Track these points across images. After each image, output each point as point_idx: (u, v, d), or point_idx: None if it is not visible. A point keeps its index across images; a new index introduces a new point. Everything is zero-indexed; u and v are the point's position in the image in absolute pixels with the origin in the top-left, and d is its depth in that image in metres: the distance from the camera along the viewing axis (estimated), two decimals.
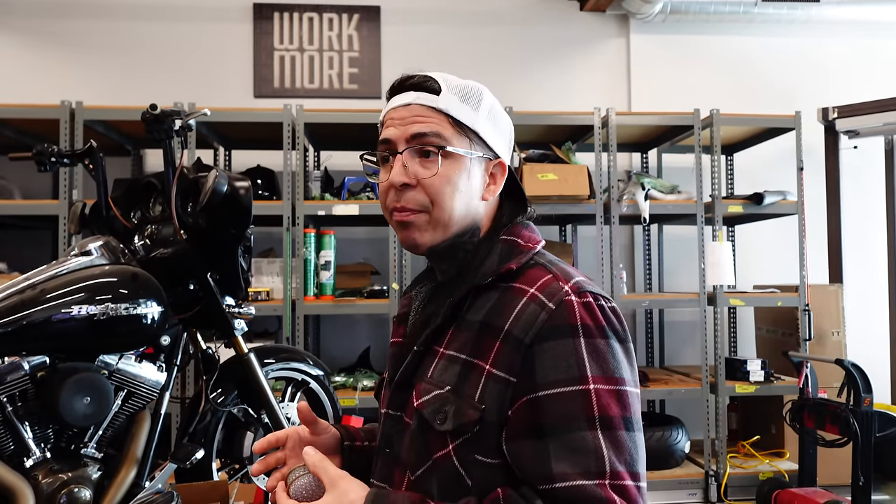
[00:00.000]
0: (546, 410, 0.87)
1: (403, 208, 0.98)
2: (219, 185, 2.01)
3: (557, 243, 4.00)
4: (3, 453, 1.82)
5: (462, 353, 0.94)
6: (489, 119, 1.01)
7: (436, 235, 0.99)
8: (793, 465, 3.40)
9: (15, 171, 3.54)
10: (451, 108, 0.98)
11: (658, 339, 4.20)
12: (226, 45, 4.11)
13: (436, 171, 0.96)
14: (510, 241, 1.00)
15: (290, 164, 3.32)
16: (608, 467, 0.84)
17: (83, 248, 2.01)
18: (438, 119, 0.97)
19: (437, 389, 0.94)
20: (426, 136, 0.97)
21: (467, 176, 0.98)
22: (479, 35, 4.23)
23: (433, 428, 0.92)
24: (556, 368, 0.87)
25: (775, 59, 4.34)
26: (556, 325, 0.89)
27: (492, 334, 0.92)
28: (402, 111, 0.99)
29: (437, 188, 0.97)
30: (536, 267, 0.97)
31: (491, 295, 0.96)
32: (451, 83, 1.00)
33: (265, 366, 2.33)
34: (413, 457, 0.95)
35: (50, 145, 2.15)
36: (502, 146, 1.04)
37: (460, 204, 0.98)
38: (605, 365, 0.88)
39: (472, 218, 1.00)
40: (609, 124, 3.49)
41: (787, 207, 3.55)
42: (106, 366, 1.95)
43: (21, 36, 3.99)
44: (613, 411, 0.86)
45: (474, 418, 0.89)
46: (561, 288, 0.92)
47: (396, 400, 1.01)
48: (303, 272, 3.29)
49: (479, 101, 1.00)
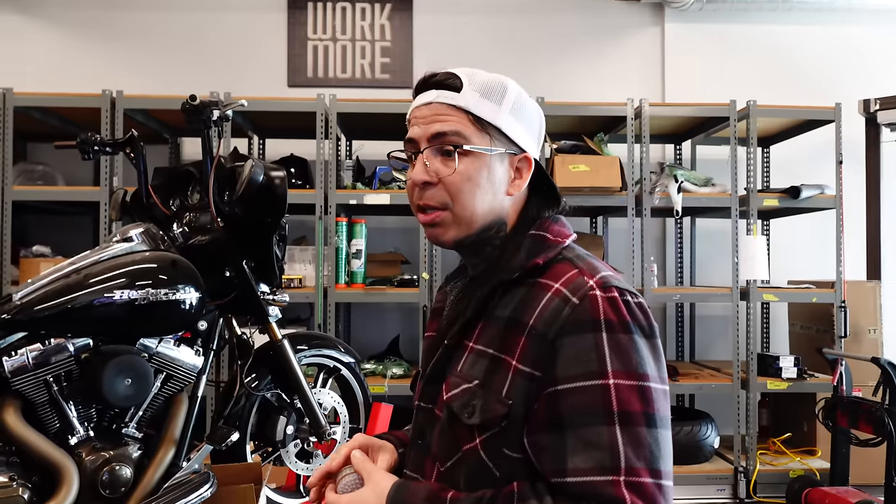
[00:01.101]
0: (564, 404, 0.87)
1: (427, 206, 1.00)
2: (255, 174, 2.05)
3: (588, 235, 3.98)
4: (49, 431, 1.89)
5: (490, 348, 0.95)
6: (513, 113, 1.00)
7: (459, 231, 1.00)
8: (824, 464, 3.35)
9: (58, 158, 3.65)
10: (472, 105, 0.98)
11: (688, 334, 4.16)
12: (260, 34, 4.15)
13: (455, 170, 0.97)
14: (538, 235, 1.00)
15: (322, 153, 3.36)
16: (623, 463, 0.84)
17: (124, 234, 2.07)
18: (459, 117, 0.98)
19: (465, 383, 0.95)
20: (446, 135, 0.97)
21: (488, 172, 0.99)
22: (512, 24, 4.21)
23: (461, 421, 0.94)
24: (577, 363, 0.88)
25: (815, 48, 4.25)
26: (579, 320, 0.89)
27: (518, 330, 0.93)
28: (425, 110, 1.00)
29: (457, 186, 0.98)
30: (564, 262, 0.97)
31: (518, 290, 0.96)
32: (474, 79, 0.99)
33: (298, 352, 2.38)
34: (443, 449, 0.97)
35: (93, 134, 2.22)
36: (528, 140, 1.03)
37: (482, 200, 0.99)
38: (628, 360, 0.87)
39: (497, 213, 1.01)
40: (642, 115, 3.46)
41: (824, 202, 3.49)
42: (146, 349, 2.01)
43: (64, 26, 4.09)
44: (634, 407, 0.86)
45: (501, 413, 0.91)
46: (586, 283, 0.92)
47: (428, 393, 1.03)
48: (334, 260, 3.33)
49: (502, 96, 1.00)
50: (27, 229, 3.87)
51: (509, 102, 1.00)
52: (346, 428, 2.49)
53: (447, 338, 1.01)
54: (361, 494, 0.95)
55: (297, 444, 2.36)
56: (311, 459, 2.39)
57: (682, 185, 3.45)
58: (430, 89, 1.01)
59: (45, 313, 1.86)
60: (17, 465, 1.84)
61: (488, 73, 1.02)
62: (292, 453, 2.36)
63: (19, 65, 4.02)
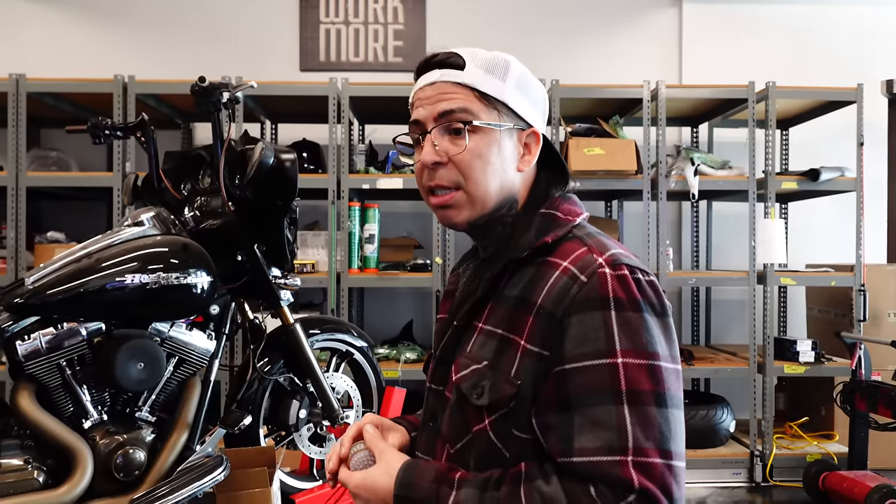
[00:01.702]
0: (572, 383, 0.86)
1: (438, 186, 0.98)
2: (265, 157, 2.04)
3: (603, 219, 3.94)
4: (63, 415, 1.91)
5: (499, 329, 0.94)
6: (518, 88, 0.98)
7: (473, 211, 0.98)
8: (842, 448, 3.31)
9: (72, 143, 3.66)
10: (477, 81, 0.96)
11: (704, 318, 4.12)
12: (273, 18, 4.13)
13: (465, 147, 0.95)
14: (549, 213, 0.98)
15: (335, 137, 3.34)
16: (631, 443, 0.82)
17: (136, 218, 2.07)
18: (465, 94, 0.96)
19: (474, 364, 0.94)
20: (453, 112, 0.96)
21: (498, 148, 0.97)
22: (526, 6, 4.15)
23: (471, 402, 0.92)
24: (585, 341, 0.86)
25: (836, 28, 4.15)
26: (588, 298, 0.87)
27: (526, 309, 0.91)
28: (429, 90, 0.98)
29: (467, 163, 0.96)
30: (573, 240, 0.95)
31: (528, 269, 0.95)
32: (476, 56, 0.98)
33: (310, 336, 2.37)
34: (453, 430, 0.96)
35: (104, 119, 2.21)
36: (535, 115, 1.01)
37: (494, 177, 0.97)
38: (637, 339, 0.86)
39: (509, 190, 0.99)
40: (658, 97, 3.40)
41: (844, 184, 3.42)
42: (158, 333, 2.01)
43: (75, 11, 4.08)
44: (643, 386, 0.84)
45: (510, 393, 0.89)
46: (595, 260, 0.90)
47: (438, 375, 1.02)
48: (347, 245, 3.32)
49: (505, 71, 0.98)
50: (41, 215, 3.90)
51: (513, 78, 0.99)
52: (360, 412, 2.49)
53: (456, 319, 1.00)
54: (372, 473, 0.94)
55: (311, 428, 2.37)
56: (324, 443, 2.40)
57: (698, 169, 3.39)
58: (433, 69, 0.99)
59: (58, 297, 1.86)
60: (32, 448, 1.85)
61: (488, 52, 1.00)
62: (305, 437, 2.36)
63: (32, 51, 4.03)
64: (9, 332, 1.86)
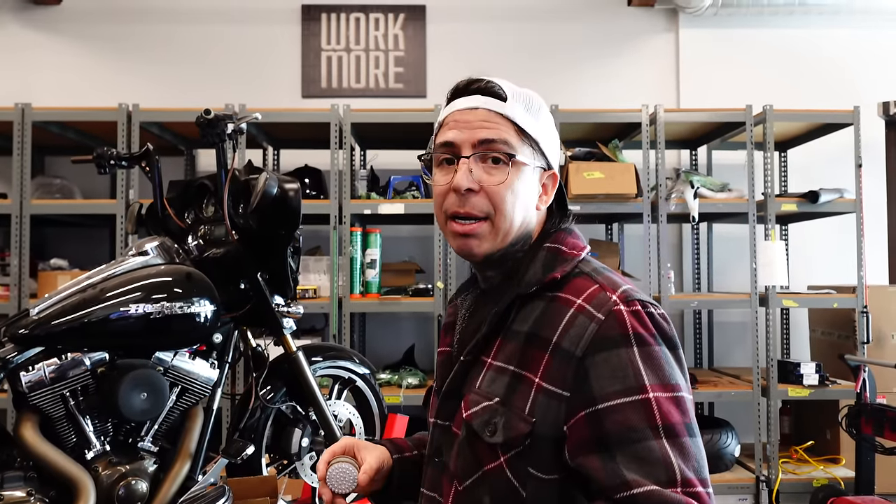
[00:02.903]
0: (608, 423, 0.86)
1: (469, 214, 0.97)
2: (269, 187, 2.05)
3: (604, 242, 3.95)
4: (66, 445, 1.90)
5: (510, 365, 0.94)
6: (545, 129, 1.02)
7: (495, 244, 0.98)
8: (849, 472, 3.29)
9: (76, 171, 3.68)
10: (518, 116, 0.97)
11: (707, 340, 4.11)
12: (275, 46, 4.18)
13: (503, 180, 0.96)
14: (554, 248, 0.99)
15: (337, 163, 3.36)
16: (679, 475, 0.83)
17: (140, 248, 2.09)
18: (505, 126, 0.97)
19: (485, 401, 0.93)
20: (494, 142, 0.96)
21: (526, 185, 0.99)
22: (526, 32, 4.20)
23: (482, 440, 0.92)
24: (614, 379, 0.86)
25: (832, 51, 4.20)
26: (608, 336, 0.88)
27: (540, 346, 0.91)
28: (469, 114, 0.98)
29: (501, 196, 0.96)
30: (582, 276, 0.96)
31: (536, 304, 0.95)
32: (514, 91, 1.00)
33: (313, 364, 2.37)
34: (461, 467, 0.95)
35: (109, 149, 2.23)
36: (555, 156, 1.04)
37: (520, 212, 0.98)
38: (661, 372, 0.87)
39: (527, 227, 1.01)
40: (657, 121, 3.43)
41: (844, 205, 3.44)
42: (161, 362, 2.01)
43: (80, 41, 4.14)
44: (675, 418, 0.85)
45: (525, 431, 0.89)
46: (609, 298, 0.91)
47: (445, 410, 1.01)
48: (349, 270, 3.33)
49: (539, 111, 1.01)
50: (45, 242, 3.92)
51: (545, 118, 1.02)
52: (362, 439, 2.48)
53: (464, 354, 1.00)
54: None
55: (313, 457, 2.36)
56: None
57: (698, 191, 3.41)
58: (474, 94, 0.99)
59: (62, 328, 1.87)
60: (35, 479, 1.84)
61: (519, 87, 1.02)
62: (308, 466, 2.35)
63: (37, 80, 4.08)
64: (13, 363, 1.87)
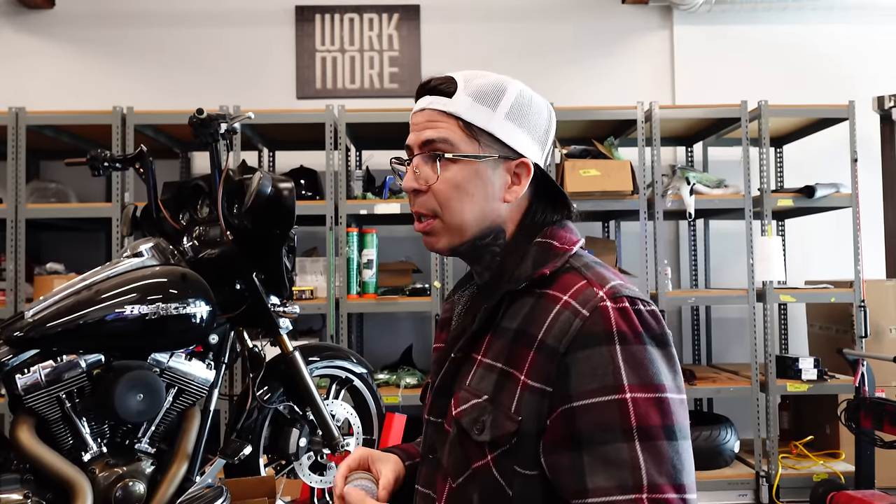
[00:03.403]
0: (582, 421, 0.84)
1: (418, 213, 0.99)
2: (263, 187, 2.05)
3: (600, 240, 3.95)
4: (63, 448, 1.89)
5: (498, 362, 0.92)
6: (511, 117, 0.97)
7: (452, 239, 0.99)
8: (848, 467, 3.29)
9: (71, 174, 3.68)
10: (462, 110, 0.95)
11: (705, 337, 4.11)
12: (269, 47, 4.18)
13: (446, 177, 0.96)
14: (544, 243, 0.97)
15: (332, 164, 3.36)
16: (645, 480, 0.80)
17: (135, 249, 2.08)
18: (448, 124, 0.96)
19: (474, 398, 0.92)
20: (434, 142, 0.96)
21: (480, 179, 0.96)
22: (520, 31, 4.20)
23: (471, 437, 0.91)
24: (592, 377, 0.85)
25: (827, 47, 4.20)
26: (591, 333, 0.86)
27: (526, 343, 0.90)
28: (419, 116, 0.99)
29: (444, 193, 0.96)
30: (571, 272, 0.93)
31: (526, 301, 0.93)
32: (471, 83, 0.97)
33: (310, 364, 2.37)
34: (453, 464, 0.94)
35: (103, 151, 2.23)
36: (529, 144, 0.98)
37: (472, 208, 0.96)
38: (643, 372, 0.84)
39: (492, 221, 0.98)
40: (652, 118, 3.43)
41: (840, 200, 3.44)
42: (157, 364, 2.01)
43: (73, 45, 4.13)
44: (653, 420, 0.82)
45: (511, 430, 0.88)
46: (595, 294, 0.89)
47: (437, 407, 1.00)
48: (346, 271, 3.33)
49: (497, 100, 0.97)
50: (41, 246, 3.91)
51: (506, 106, 0.97)
52: (360, 439, 2.48)
53: (454, 350, 0.99)
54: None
55: (311, 457, 2.35)
56: (324, 472, 2.38)
57: (694, 188, 3.41)
58: (425, 95, 0.99)
59: (57, 330, 1.86)
60: (31, 482, 1.84)
61: (491, 76, 0.99)
62: (306, 466, 2.35)
63: (31, 84, 4.07)
64: (8, 365, 1.86)
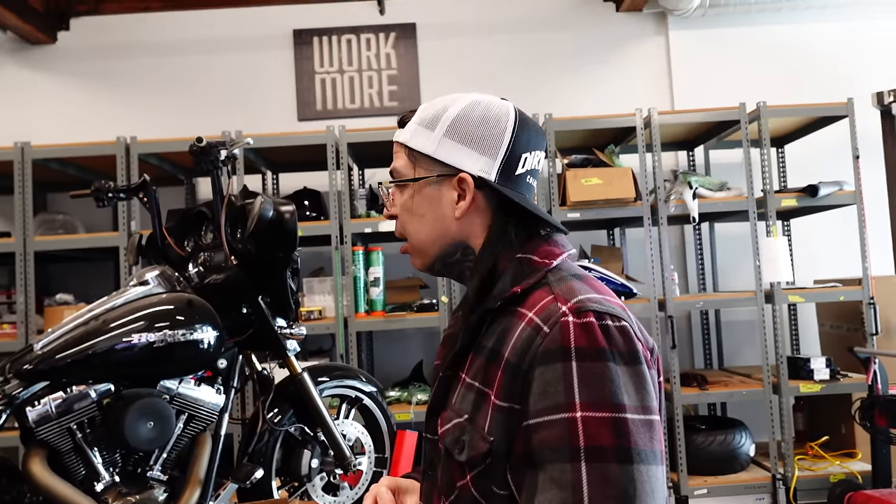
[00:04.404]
0: (535, 439, 0.83)
1: (398, 236, 1.06)
2: (265, 210, 2.07)
3: (606, 248, 3.95)
4: (76, 478, 1.91)
5: (476, 381, 0.92)
6: (449, 134, 0.98)
7: (423, 259, 1.04)
8: (865, 466, 3.25)
9: (78, 205, 3.72)
10: (406, 138, 1.02)
11: (715, 340, 4.09)
12: (269, 72, 4.22)
13: (398, 204, 1.04)
14: (524, 258, 0.96)
15: (335, 183, 3.38)
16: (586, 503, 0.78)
17: (141, 278, 2.10)
18: (400, 153, 1.04)
19: (457, 418, 0.92)
20: (393, 171, 1.04)
21: (424, 200, 1.00)
22: (516, 44, 4.23)
23: (453, 457, 0.91)
24: (545, 395, 0.83)
25: (823, 45, 4.21)
26: (549, 350, 0.84)
27: (496, 362, 0.90)
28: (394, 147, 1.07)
29: (402, 218, 1.04)
30: (542, 288, 0.92)
31: (503, 319, 0.93)
32: (423, 111, 1.02)
33: (319, 384, 2.38)
34: (445, 483, 0.94)
35: (106, 182, 2.26)
36: (473, 159, 0.97)
37: (426, 227, 1.01)
38: (599, 391, 0.81)
39: (453, 238, 1.00)
40: (651, 124, 3.44)
41: (844, 198, 3.42)
42: (167, 391, 2.02)
43: (77, 79, 4.19)
44: (604, 441, 0.79)
45: (484, 450, 0.87)
46: (558, 309, 0.87)
47: (431, 425, 1.01)
48: (353, 289, 3.34)
49: (436, 121, 0.99)
50: (50, 278, 3.95)
51: (444, 125, 0.98)
52: (372, 458, 2.48)
53: (442, 369, 0.99)
54: None
55: (323, 478, 2.36)
56: (337, 492, 2.38)
57: (696, 192, 3.41)
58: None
59: (66, 361, 1.88)
60: None
61: (446, 99, 1.01)
62: (319, 487, 2.35)
63: (35, 118, 4.13)
64: (19, 398, 1.88)
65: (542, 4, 4.27)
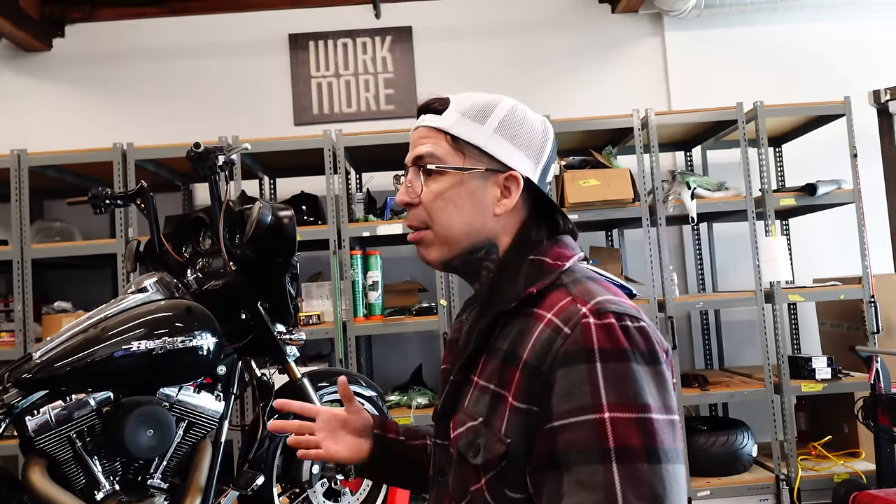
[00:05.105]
0: (560, 442, 0.82)
1: (411, 225, 1.02)
2: (263, 216, 2.06)
3: (605, 249, 3.94)
4: (76, 487, 1.89)
5: (491, 384, 0.92)
6: (501, 131, 0.98)
7: (442, 251, 1.01)
8: (869, 466, 3.25)
9: (75, 212, 3.70)
10: (450, 125, 0.98)
11: (716, 341, 4.09)
12: (265, 76, 4.21)
13: (432, 189, 0.99)
14: (536, 260, 0.96)
15: (332, 188, 3.37)
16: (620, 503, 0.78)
17: (139, 285, 2.09)
18: (436, 139, 0.99)
19: (471, 421, 0.92)
20: (423, 157, 1.00)
21: (467, 191, 0.98)
22: (512, 46, 4.23)
23: (468, 461, 0.90)
24: (570, 396, 0.82)
25: (819, 44, 4.21)
26: (571, 351, 0.84)
27: (513, 364, 0.89)
28: (414, 134, 1.03)
29: (430, 205, 0.99)
30: (559, 289, 0.92)
31: (517, 321, 0.92)
32: (462, 101, 1.00)
33: (319, 390, 2.36)
34: (457, 488, 0.93)
35: (104, 189, 2.24)
36: (520, 158, 0.99)
37: (461, 219, 0.98)
38: (625, 391, 0.81)
39: (484, 235, 0.99)
40: (649, 125, 3.44)
41: (842, 196, 3.42)
42: (167, 398, 2.01)
43: (73, 86, 4.18)
44: (633, 441, 0.79)
45: (501, 452, 0.87)
46: (578, 310, 0.87)
47: (441, 430, 1.00)
48: (351, 294, 3.33)
49: (486, 115, 0.98)
50: (48, 286, 3.93)
51: (495, 120, 0.98)
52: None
53: (453, 373, 0.98)
54: None
55: (324, 484, 2.34)
56: (338, 498, 2.36)
57: (694, 192, 3.41)
58: (420, 114, 1.03)
59: (65, 370, 1.87)
60: None
61: (484, 95, 1.01)
62: (320, 493, 2.33)
63: (31, 125, 4.12)
64: (18, 407, 1.86)
65: (537, 7, 4.27)
